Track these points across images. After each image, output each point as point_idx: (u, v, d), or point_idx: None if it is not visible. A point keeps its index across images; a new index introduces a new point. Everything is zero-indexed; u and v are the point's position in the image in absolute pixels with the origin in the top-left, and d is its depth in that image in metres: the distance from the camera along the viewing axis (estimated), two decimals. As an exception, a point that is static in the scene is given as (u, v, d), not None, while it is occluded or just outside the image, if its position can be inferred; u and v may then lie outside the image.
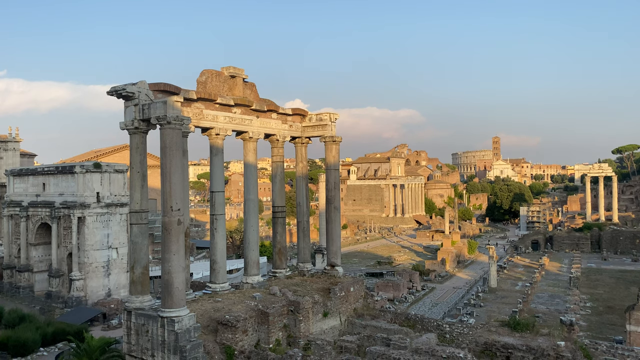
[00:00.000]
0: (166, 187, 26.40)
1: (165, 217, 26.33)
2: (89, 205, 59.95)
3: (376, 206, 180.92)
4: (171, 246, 26.26)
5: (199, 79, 33.10)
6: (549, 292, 69.55)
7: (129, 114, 28.83)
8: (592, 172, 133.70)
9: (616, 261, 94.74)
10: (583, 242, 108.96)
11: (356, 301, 37.56)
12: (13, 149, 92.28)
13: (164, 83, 29.43)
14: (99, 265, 60.89)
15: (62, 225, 61.97)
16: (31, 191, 66.92)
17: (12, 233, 69.28)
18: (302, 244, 41.51)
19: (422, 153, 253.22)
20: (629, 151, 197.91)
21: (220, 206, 34.58)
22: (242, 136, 36.40)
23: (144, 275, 28.89)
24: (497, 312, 57.02)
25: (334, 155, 40.13)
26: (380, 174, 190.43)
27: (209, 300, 31.98)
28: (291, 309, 31.30)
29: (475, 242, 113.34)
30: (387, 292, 65.33)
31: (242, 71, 35.62)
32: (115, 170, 63.28)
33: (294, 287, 35.76)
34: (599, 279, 78.17)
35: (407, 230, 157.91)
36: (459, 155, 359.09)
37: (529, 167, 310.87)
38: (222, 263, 34.57)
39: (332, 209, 40.12)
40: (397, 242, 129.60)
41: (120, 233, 62.95)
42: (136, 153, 29.14)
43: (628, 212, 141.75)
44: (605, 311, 59.11)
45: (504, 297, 66.74)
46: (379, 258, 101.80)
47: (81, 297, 59.02)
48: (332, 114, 39.90)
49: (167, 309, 26.17)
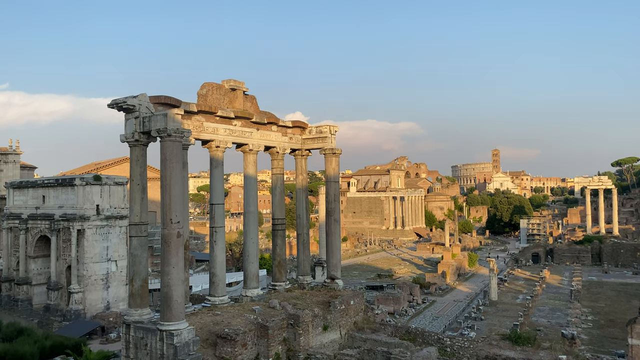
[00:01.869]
0: (166, 200, 26.41)
1: (165, 229, 26.30)
2: (88, 217, 59.90)
3: (376, 218, 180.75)
4: (170, 259, 26.20)
5: (199, 92, 33.26)
6: (550, 305, 69.21)
7: (129, 127, 28.94)
8: (592, 185, 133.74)
9: (617, 274, 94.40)
10: (584, 255, 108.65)
11: (356, 314, 37.36)
12: (13, 161, 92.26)
13: (164, 96, 29.53)
14: (98, 278, 60.67)
15: (62, 237, 61.84)
16: (31, 203, 66.86)
17: (11, 246, 69.10)
18: (302, 256, 41.38)
19: (421, 165, 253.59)
20: (628, 164, 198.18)
21: (220, 218, 34.54)
22: (242, 148, 36.47)
23: (143, 288, 28.78)
24: (498, 326, 56.72)
25: (334, 167, 40.16)
26: (380, 186, 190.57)
27: (208, 314, 31.81)
28: (291, 323, 31.11)
29: (475, 255, 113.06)
30: (388, 305, 64.99)
31: (242, 84, 35.79)
32: (115, 183, 63.33)
33: (294, 301, 35.59)
34: (600, 292, 77.84)
35: (408, 243, 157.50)
36: (459, 168, 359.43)
37: (528, 180, 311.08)
38: (221, 276, 34.45)
39: (332, 221, 40.04)
40: (397, 255, 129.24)
41: (119, 246, 62.83)
42: (136, 165, 29.19)
43: (628, 224, 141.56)
44: (606, 324, 58.78)
45: (504, 310, 66.40)
46: (379, 271, 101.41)
47: (80, 310, 58.71)
48: (332, 127, 39.98)
49: (166, 322, 26.03)
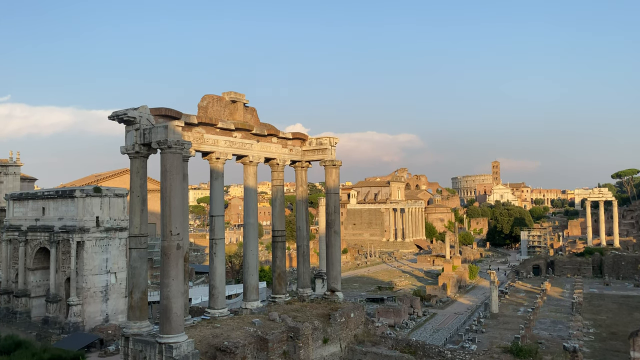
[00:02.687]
0: (166, 211, 26.37)
1: (165, 241, 26.23)
2: (88, 229, 59.78)
3: (376, 230, 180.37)
4: (170, 271, 26.09)
5: (200, 104, 33.40)
6: (551, 317, 68.80)
7: (130, 139, 29.00)
8: (592, 197, 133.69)
9: (618, 286, 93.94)
10: (584, 267, 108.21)
11: (357, 327, 37.13)
12: (13, 173, 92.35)
13: (165, 108, 29.66)
14: (97, 290, 60.39)
15: (61, 249, 61.64)
16: (30, 215, 66.73)
17: (10, 258, 68.86)
18: (302, 268, 41.23)
19: (422, 177, 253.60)
20: (628, 176, 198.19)
21: (220, 230, 34.47)
22: (243, 160, 36.52)
23: (142, 301, 28.63)
24: (499, 338, 56.34)
25: (334, 179, 40.17)
26: (381, 198, 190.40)
27: (207, 326, 31.63)
28: (291, 335, 30.91)
29: (476, 267, 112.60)
30: (388, 318, 64.60)
31: (242, 96, 35.95)
32: (115, 195, 63.28)
33: (294, 313, 35.40)
34: (602, 304, 77.40)
35: (408, 255, 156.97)
36: (459, 180, 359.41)
37: (528, 192, 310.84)
38: (221, 288, 34.30)
39: (332, 233, 39.96)
40: (397, 267, 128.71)
41: (119, 258, 62.63)
42: (136, 177, 29.20)
43: (629, 236, 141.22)
44: (608, 337, 58.38)
45: (505, 322, 65.99)
46: (380, 283, 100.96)
47: (78, 322, 58.35)
48: (332, 138, 40.09)
49: (166, 334, 25.87)
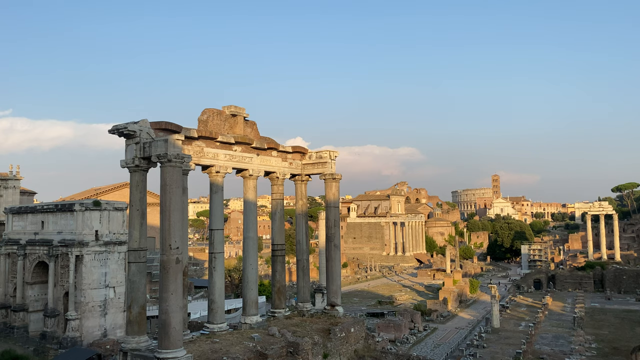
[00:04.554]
0: (165, 225, 26.29)
1: (164, 255, 26.11)
2: (87, 243, 59.54)
3: (376, 244, 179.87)
4: (169, 285, 25.94)
5: (200, 118, 33.48)
6: (552, 332, 68.31)
7: (130, 152, 29.03)
8: (592, 211, 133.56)
9: (620, 301, 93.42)
10: (586, 281, 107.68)
11: (357, 342, 36.82)
12: (13, 186, 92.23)
13: (165, 122, 29.70)
14: (96, 305, 59.97)
15: (60, 263, 61.34)
16: (29, 229, 66.53)
17: (8, 272, 68.52)
18: (302, 282, 41.01)
19: (422, 191, 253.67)
20: (628, 189, 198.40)
21: (220, 244, 34.34)
22: (242, 174, 36.51)
23: (141, 315, 28.43)
24: (500, 354, 55.88)
25: (334, 192, 40.13)
26: (381, 212, 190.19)
27: (206, 341, 31.35)
28: (290, 351, 30.64)
29: (477, 281, 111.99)
30: (389, 333, 64.14)
31: (243, 110, 36.05)
32: (114, 208, 63.15)
33: (293, 328, 35.14)
34: (604, 319, 76.89)
35: (408, 269, 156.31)
36: (459, 193, 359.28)
37: (529, 205, 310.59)
38: (220, 302, 34.07)
39: (332, 247, 39.82)
40: (398, 281, 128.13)
41: (118, 272, 62.30)
42: (136, 191, 29.17)
43: (630, 250, 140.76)
44: (610, 352, 57.88)
45: (507, 337, 65.47)
46: (380, 297, 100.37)
47: (76, 337, 57.85)
48: (332, 152, 40.14)
49: (164, 349, 25.64)
